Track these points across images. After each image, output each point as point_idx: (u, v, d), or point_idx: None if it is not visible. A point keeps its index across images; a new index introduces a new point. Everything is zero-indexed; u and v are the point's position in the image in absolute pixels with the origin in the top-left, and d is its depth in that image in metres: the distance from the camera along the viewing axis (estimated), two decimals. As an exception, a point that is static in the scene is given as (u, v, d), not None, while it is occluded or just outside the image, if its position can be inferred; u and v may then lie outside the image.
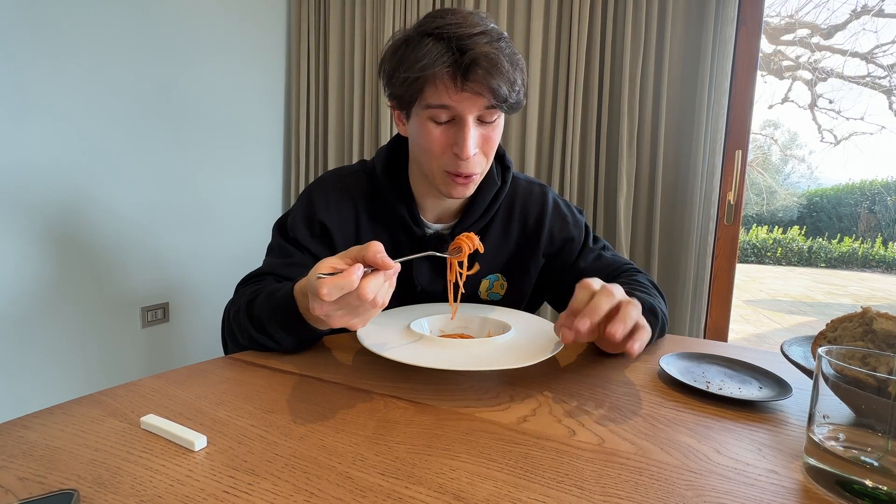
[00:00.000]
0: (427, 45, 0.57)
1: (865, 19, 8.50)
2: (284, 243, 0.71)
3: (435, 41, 0.57)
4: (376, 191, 0.73)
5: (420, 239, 0.72)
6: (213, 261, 1.81)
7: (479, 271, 0.74)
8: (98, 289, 1.45)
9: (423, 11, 1.81)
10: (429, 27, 0.58)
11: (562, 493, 0.33)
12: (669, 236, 1.60)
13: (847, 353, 0.38)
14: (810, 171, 12.79)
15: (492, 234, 0.75)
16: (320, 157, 2.09)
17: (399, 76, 0.59)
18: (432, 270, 0.74)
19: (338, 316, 0.45)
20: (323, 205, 0.71)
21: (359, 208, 0.72)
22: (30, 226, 1.28)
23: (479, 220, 0.73)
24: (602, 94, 1.62)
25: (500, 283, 0.78)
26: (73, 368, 1.40)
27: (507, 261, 0.77)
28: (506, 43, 0.60)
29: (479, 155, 0.63)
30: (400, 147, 0.74)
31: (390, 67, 0.61)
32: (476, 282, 0.76)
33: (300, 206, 0.73)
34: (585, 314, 0.47)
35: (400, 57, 0.60)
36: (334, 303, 0.43)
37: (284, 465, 0.36)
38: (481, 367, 0.48)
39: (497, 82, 0.57)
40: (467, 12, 0.60)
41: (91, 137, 1.39)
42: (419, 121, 0.62)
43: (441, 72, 0.57)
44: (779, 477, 0.36)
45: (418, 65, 0.56)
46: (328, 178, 0.75)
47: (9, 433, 0.39)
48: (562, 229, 0.78)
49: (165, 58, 1.57)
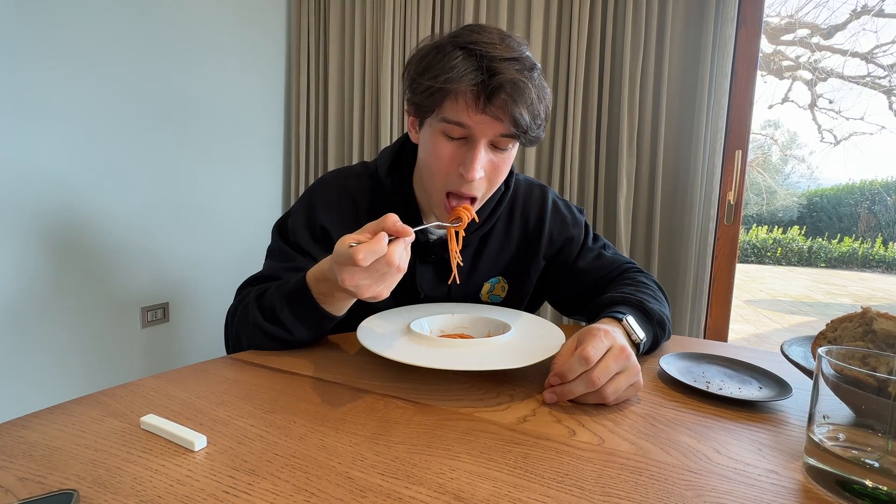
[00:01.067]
0: (457, 58, 0.55)
1: (865, 19, 8.49)
2: (285, 247, 0.71)
3: (466, 56, 0.55)
4: (378, 193, 0.72)
5: (423, 245, 0.71)
6: (213, 261, 1.81)
7: (480, 274, 0.75)
8: (98, 289, 1.45)
9: (423, 12, 1.81)
10: (463, 40, 0.57)
11: (562, 493, 0.33)
12: (669, 236, 1.60)
13: (847, 353, 0.38)
14: (810, 171, 12.79)
15: (494, 237, 0.75)
16: (320, 157, 2.09)
17: (422, 83, 0.58)
18: (435, 276, 0.74)
19: (366, 285, 0.47)
20: (324, 208, 0.71)
21: (360, 210, 0.72)
22: (30, 226, 1.28)
23: (483, 226, 0.72)
24: (602, 94, 1.62)
25: (501, 285, 0.78)
26: (73, 368, 1.40)
27: (509, 263, 0.77)
28: (538, 74, 0.59)
29: (484, 180, 0.62)
30: (404, 150, 0.73)
31: (415, 72, 0.60)
32: (478, 285, 0.76)
33: (301, 210, 0.72)
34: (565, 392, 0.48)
35: (427, 64, 0.58)
36: (365, 270, 0.45)
37: (284, 465, 0.36)
38: (481, 367, 0.48)
39: (520, 111, 0.56)
40: (506, 34, 0.59)
41: (91, 138, 1.39)
42: (432, 132, 0.61)
43: (465, 88, 0.55)
44: (779, 477, 0.36)
45: (443, 76, 0.55)
46: (329, 180, 0.75)
47: (9, 433, 0.39)
48: (562, 230, 0.78)
49: (165, 58, 1.57)
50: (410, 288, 0.72)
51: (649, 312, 0.61)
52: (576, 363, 0.46)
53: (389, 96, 1.88)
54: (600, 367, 0.46)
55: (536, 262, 0.77)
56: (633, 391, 0.48)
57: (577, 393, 0.47)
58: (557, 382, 0.48)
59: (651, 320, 0.61)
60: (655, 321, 0.61)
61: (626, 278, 0.73)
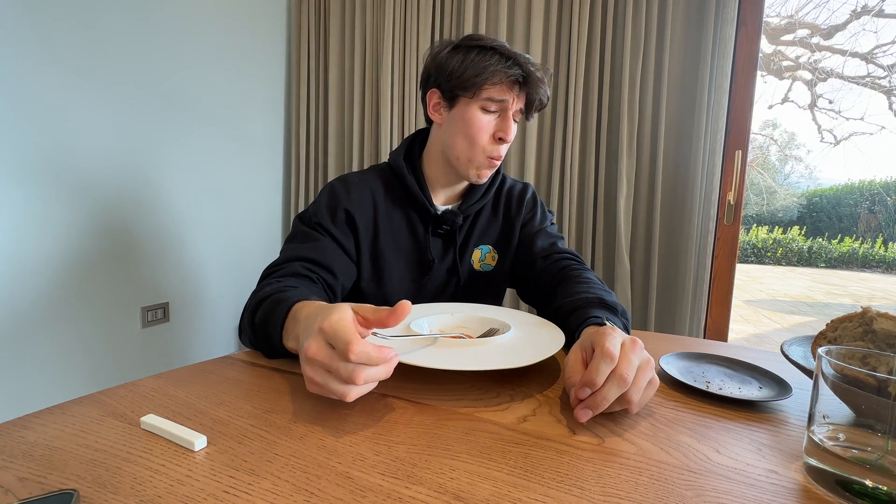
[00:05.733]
0: (495, 56, 0.74)
1: (865, 19, 8.50)
2: (307, 229, 0.76)
3: (500, 55, 0.74)
4: (390, 183, 0.84)
5: (433, 216, 0.83)
6: (213, 261, 1.81)
7: (473, 242, 0.88)
8: (98, 289, 1.45)
9: (423, 12, 1.81)
10: (488, 44, 0.75)
11: (562, 493, 0.33)
12: (669, 236, 1.60)
13: (847, 353, 0.38)
14: (810, 172, 12.79)
15: (484, 212, 0.89)
16: (320, 157, 2.09)
17: (469, 70, 0.74)
18: (442, 246, 0.86)
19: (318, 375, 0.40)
20: (344, 193, 0.80)
21: (376, 196, 0.82)
22: (30, 226, 1.28)
23: (478, 202, 0.86)
24: (602, 94, 1.62)
25: (491, 254, 0.89)
26: (73, 368, 1.40)
27: (498, 236, 0.90)
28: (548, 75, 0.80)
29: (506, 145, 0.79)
30: (414, 143, 0.87)
31: (456, 63, 0.75)
32: (470, 251, 0.88)
33: (322, 197, 0.80)
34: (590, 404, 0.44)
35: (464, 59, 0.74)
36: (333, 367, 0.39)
37: (284, 465, 0.35)
38: (481, 367, 0.48)
39: (538, 97, 0.78)
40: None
41: (91, 138, 1.39)
42: (469, 108, 0.76)
43: (505, 75, 0.74)
44: (779, 477, 0.36)
45: (491, 67, 0.73)
46: (347, 175, 0.84)
47: (9, 433, 0.39)
48: (533, 208, 0.92)
49: (165, 59, 1.57)
50: (422, 257, 0.84)
51: (613, 306, 0.63)
52: (601, 363, 0.43)
53: (389, 96, 1.88)
54: (624, 361, 0.43)
55: (516, 234, 0.90)
56: (652, 390, 0.45)
57: (612, 398, 0.42)
58: (587, 394, 0.43)
59: (616, 313, 0.62)
60: (620, 313, 0.63)
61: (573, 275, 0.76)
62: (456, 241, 0.86)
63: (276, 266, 0.69)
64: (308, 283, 0.67)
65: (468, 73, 0.74)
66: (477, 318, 0.66)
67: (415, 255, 0.84)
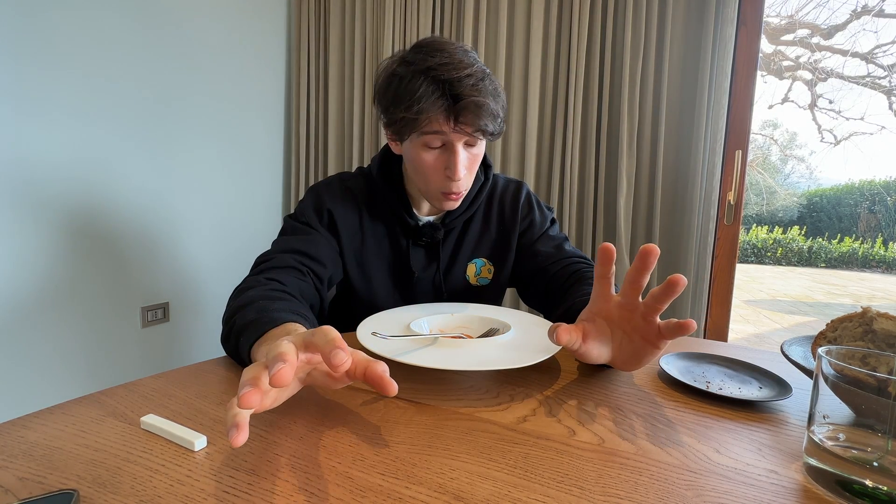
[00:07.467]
0: (421, 87, 0.63)
1: (865, 19, 8.50)
2: (297, 224, 0.76)
3: (428, 82, 0.64)
4: (374, 190, 0.81)
5: (413, 228, 0.79)
6: (213, 261, 1.81)
7: (463, 255, 0.83)
8: (98, 289, 1.45)
9: (423, 12, 1.81)
10: (421, 66, 0.64)
11: (562, 493, 0.33)
12: (669, 236, 1.60)
13: (847, 353, 0.38)
14: (810, 172, 12.80)
15: (475, 223, 0.84)
16: (320, 157, 2.09)
17: (396, 113, 0.66)
18: (425, 257, 0.82)
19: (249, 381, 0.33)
20: (329, 195, 0.78)
21: (360, 205, 0.80)
22: (30, 226, 1.28)
23: (465, 212, 0.82)
24: (602, 94, 1.62)
25: (486, 267, 0.85)
26: (73, 368, 1.40)
27: (492, 247, 0.85)
28: (489, 80, 0.67)
29: (467, 174, 0.72)
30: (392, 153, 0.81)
31: (387, 102, 0.68)
32: (462, 266, 0.84)
33: (307, 198, 0.79)
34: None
35: (394, 94, 0.66)
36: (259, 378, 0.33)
37: (284, 465, 0.35)
38: (481, 367, 0.48)
39: (484, 122, 0.65)
40: (454, 48, 0.66)
41: (91, 138, 1.39)
42: (413, 147, 0.70)
43: (436, 112, 0.64)
44: (779, 477, 0.36)
45: (415, 107, 0.64)
46: (332, 180, 0.82)
47: (9, 433, 0.39)
48: (528, 213, 0.86)
49: (165, 58, 1.57)
50: (405, 268, 0.81)
51: None
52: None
53: (389, 96, 1.87)
54: None
55: (512, 245, 0.85)
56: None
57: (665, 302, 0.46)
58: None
59: None
60: None
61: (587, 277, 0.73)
62: (439, 255, 0.81)
63: (268, 255, 0.70)
64: (297, 274, 0.67)
65: (400, 111, 0.65)
66: (477, 318, 0.66)
67: (397, 266, 0.82)
